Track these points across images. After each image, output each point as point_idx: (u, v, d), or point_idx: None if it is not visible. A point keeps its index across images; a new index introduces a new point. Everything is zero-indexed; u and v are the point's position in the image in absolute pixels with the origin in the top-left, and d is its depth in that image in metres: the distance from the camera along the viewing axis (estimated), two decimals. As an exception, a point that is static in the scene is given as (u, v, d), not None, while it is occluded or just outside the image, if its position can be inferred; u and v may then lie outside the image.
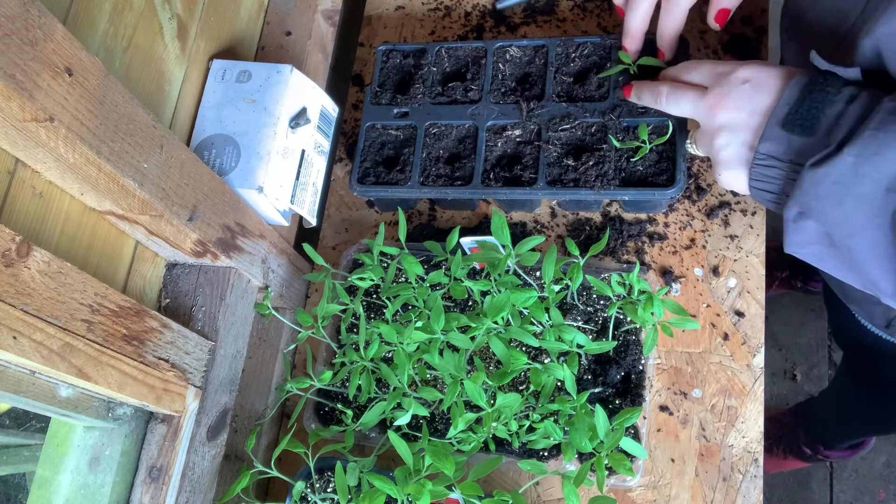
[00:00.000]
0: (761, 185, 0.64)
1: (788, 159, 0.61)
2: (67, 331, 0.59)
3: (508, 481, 0.84)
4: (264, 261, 0.86)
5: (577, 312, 0.83)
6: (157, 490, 0.74)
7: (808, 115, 0.60)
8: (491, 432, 0.75)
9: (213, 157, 0.82)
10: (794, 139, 0.60)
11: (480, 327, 0.74)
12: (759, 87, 0.65)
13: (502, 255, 0.76)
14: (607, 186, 0.83)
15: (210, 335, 0.79)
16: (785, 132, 0.61)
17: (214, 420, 0.79)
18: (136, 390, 0.68)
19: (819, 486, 1.66)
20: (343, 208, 1.01)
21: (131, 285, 0.76)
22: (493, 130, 0.90)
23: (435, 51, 0.96)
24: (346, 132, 1.05)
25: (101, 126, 0.59)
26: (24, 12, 0.52)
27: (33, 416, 1.74)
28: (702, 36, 0.97)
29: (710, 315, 0.86)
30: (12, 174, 0.61)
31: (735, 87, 0.66)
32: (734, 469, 0.80)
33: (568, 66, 0.91)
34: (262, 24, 0.98)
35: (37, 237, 0.63)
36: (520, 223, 0.94)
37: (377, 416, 0.78)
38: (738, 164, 0.66)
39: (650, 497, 0.81)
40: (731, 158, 0.67)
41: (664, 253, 0.89)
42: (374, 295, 0.89)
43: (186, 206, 0.70)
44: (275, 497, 0.90)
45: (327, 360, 0.88)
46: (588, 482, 0.68)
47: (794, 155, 0.60)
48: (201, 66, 0.85)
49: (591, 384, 0.80)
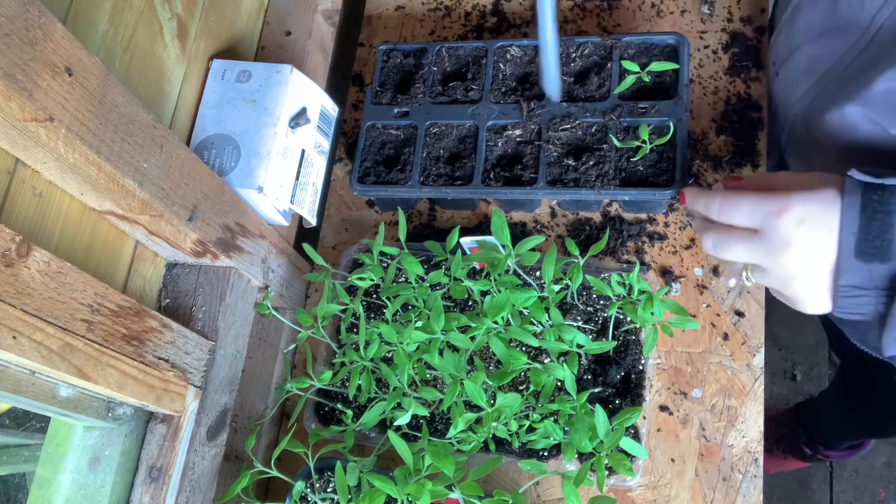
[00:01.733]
0: (851, 314, 0.61)
1: (874, 286, 0.58)
2: (67, 331, 0.59)
3: (508, 481, 0.84)
4: (264, 261, 0.86)
5: (577, 312, 0.83)
6: (157, 490, 0.74)
7: (880, 242, 0.57)
8: (491, 432, 0.75)
9: (213, 157, 0.82)
10: (874, 267, 0.57)
11: (480, 327, 0.74)
12: (817, 224, 0.60)
13: (502, 255, 0.76)
14: (607, 186, 0.83)
15: (210, 335, 0.79)
16: (863, 263, 0.58)
17: (214, 420, 0.79)
18: (136, 390, 0.68)
19: (819, 486, 1.66)
20: (343, 208, 1.01)
21: (131, 285, 0.76)
22: (493, 130, 0.90)
23: (435, 50, 0.96)
24: (346, 132, 1.05)
25: (100, 126, 0.59)
26: (24, 12, 0.52)
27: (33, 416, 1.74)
28: (702, 36, 0.97)
29: (710, 315, 0.86)
30: (12, 174, 0.60)
31: (793, 234, 0.60)
32: (734, 469, 0.80)
33: (568, 65, 0.91)
34: (262, 24, 0.98)
35: (37, 237, 0.63)
36: (520, 223, 0.94)
37: (377, 416, 0.78)
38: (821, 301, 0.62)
39: (650, 497, 0.81)
40: (811, 299, 0.63)
41: (664, 253, 0.89)
42: (374, 295, 0.89)
43: (186, 206, 0.70)
44: (275, 497, 0.90)
45: (327, 360, 0.88)
46: (588, 482, 0.68)
47: (879, 281, 0.58)
48: (201, 65, 0.85)
49: (591, 384, 0.80)
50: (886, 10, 0.67)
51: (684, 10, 0.99)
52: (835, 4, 0.73)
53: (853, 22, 0.71)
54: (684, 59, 0.87)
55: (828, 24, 0.75)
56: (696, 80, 0.95)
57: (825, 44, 0.77)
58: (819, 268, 0.60)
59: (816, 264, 0.60)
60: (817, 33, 0.78)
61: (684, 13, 0.99)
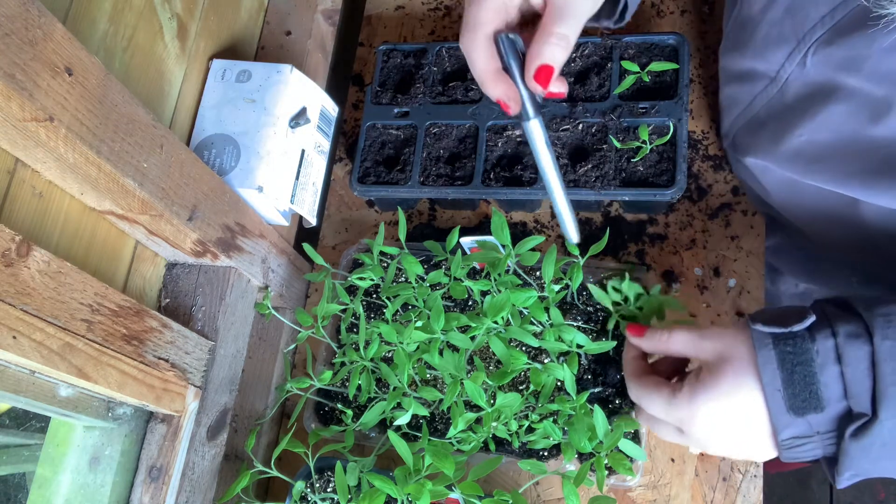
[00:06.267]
0: (797, 458, 0.60)
1: (815, 432, 0.56)
2: (67, 330, 0.59)
3: (508, 481, 0.84)
4: (264, 260, 0.86)
5: (577, 312, 0.83)
6: (156, 490, 0.74)
7: (808, 394, 0.55)
8: (491, 432, 0.75)
9: (212, 157, 0.82)
10: (811, 418, 0.56)
11: (480, 327, 0.74)
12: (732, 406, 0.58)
13: (502, 255, 0.76)
14: (607, 187, 0.83)
15: (210, 335, 0.79)
16: (797, 417, 0.56)
17: (214, 420, 0.79)
18: (136, 390, 0.68)
19: (819, 486, 1.66)
20: (343, 208, 1.01)
21: (131, 285, 0.76)
22: (493, 130, 0.90)
23: (435, 50, 0.96)
24: (346, 132, 1.05)
25: (100, 126, 0.59)
26: (24, 12, 0.52)
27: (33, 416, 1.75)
28: (702, 37, 0.97)
29: (710, 315, 0.86)
30: (12, 174, 0.60)
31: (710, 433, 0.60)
32: (734, 469, 0.80)
33: (568, 65, 0.91)
34: (262, 24, 0.98)
35: (37, 237, 0.63)
36: (520, 223, 0.94)
37: (377, 415, 0.78)
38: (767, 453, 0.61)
39: (650, 497, 0.81)
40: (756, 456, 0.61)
41: (664, 253, 0.89)
42: (374, 295, 0.89)
43: (186, 206, 0.70)
44: (275, 497, 0.90)
45: (327, 360, 0.88)
46: (588, 482, 0.68)
47: (820, 426, 0.56)
48: (201, 65, 0.85)
49: (591, 384, 0.80)
50: (790, 65, 0.68)
51: (684, 10, 0.99)
52: (743, 54, 0.75)
53: (761, 72, 0.73)
54: (684, 59, 0.87)
55: (740, 68, 0.77)
56: (696, 80, 0.95)
57: (738, 87, 0.79)
58: (752, 433, 0.59)
59: (747, 433, 0.59)
60: (732, 76, 0.80)
61: (684, 13, 0.99)
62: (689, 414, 0.60)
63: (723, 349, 0.60)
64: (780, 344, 0.56)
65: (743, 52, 0.75)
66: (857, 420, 0.54)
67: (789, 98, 0.71)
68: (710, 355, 0.60)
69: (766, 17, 0.69)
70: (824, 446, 0.57)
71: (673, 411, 0.61)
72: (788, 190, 0.79)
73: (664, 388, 0.62)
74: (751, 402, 0.57)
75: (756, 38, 0.71)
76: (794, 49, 0.67)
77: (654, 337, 0.65)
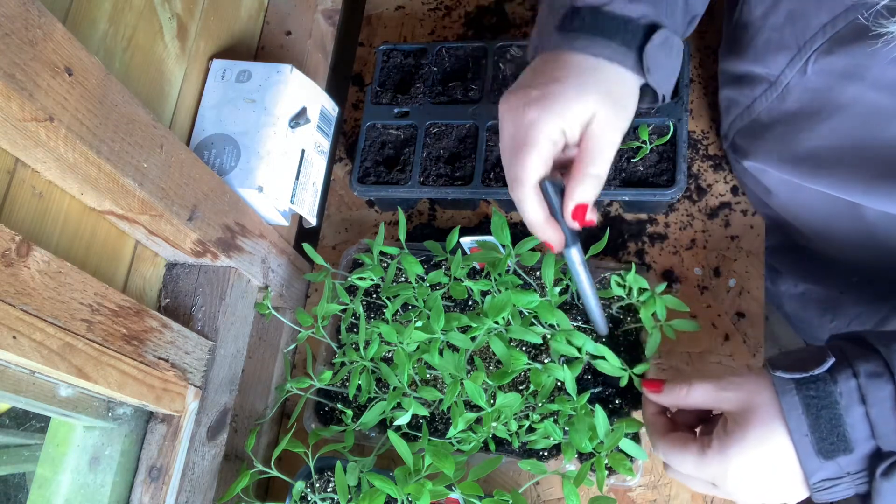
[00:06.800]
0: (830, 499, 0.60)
1: (846, 473, 0.57)
2: (67, 330, 0.59)
3: (508, 481, 0.84)
4: (264, 260, 0.86)
5: (577, 312, 0.83)
6: (156, 490, 0.74)
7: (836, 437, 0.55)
8: (491, 432, 0.75)
9: (212, 157, 0.82)
10: (841, 460, 0.56)
11: (480, 327, 0.74)
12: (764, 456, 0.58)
13: (502, 255, 0.76)
14: (607, 186, 0.83)
15: (210, 335, 0.79)
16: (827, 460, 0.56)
17: (214, 420, 0.79)
18: (136, 390, 0.68)
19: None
20: (343, 208, 1.01)
21: (131, 285, 0.76)
22: (493, 130, 0.90)
23: (435, 50, 0.96)
24: (346, 132, 1.05)
25: (100, 126, 0.59)
26: (24, 12, 0.52)
27: (33, 416, 1.75)
28: (702, 37, 0.97)
29: (710, 315, 0.86)
30: (12, 174, 0.60)
31: (741, 484, 0.60)
32: (734, 469, 0.80)
33: (568, 65, 0.91)
34: (262, 24, 0.98)
35: (37, 237, 0.63)
36: (520, 223, 0.94)
37: (377, 415, 0.78)
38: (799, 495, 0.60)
39: (650, 497, 0.81)
40: (790, 499, 0.61)
41: (664, 253, 0.89)
42: (374, 295, 0.89)
43: (186, 206, 0.70)
44: (275, 497, 0.90)
45: (327, 360, 0.88)
46: (588, 482, 0.68)
47: (850, 467, 0.56)
48: (201, 65, 0.85)
49: (592, 384, 0.80)
50: (790, 72, 0.68)
51: (684, 10, 0.99)
52: (743, 57, 0.75)
53: (761, 76, 0.73)
54: (684, 59, 0.87)
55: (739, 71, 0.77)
56: (696, 80, 0.95)
57: (737, 90, 0.79)
58: (784, 479, 0.59)
59: (779, 480, 0.59)
60: (731, 78, 0.80)
61: (684, 13, 0.99)
62: (721, 469, 0.60)
63: (746, 398, 0.59)
64: (803, 389, 0.56)
65: (743, 55, 0.75)
66: (887, 459, 0.54)
67: (790, 103, 0.71)
68: (733, 406, 0.60)
69: (767, 22, 0.69)
70: (856, 485, 0.57)
71: (705, 468, 0.61)
72: (789, 191, 0.79)
73: (692, 446, 0.62)
74: (780, 449, 0.57)
75: (756, 43, 0.71)
76: (794, 56, 0.67)
77: (673, 392, 0.65)
